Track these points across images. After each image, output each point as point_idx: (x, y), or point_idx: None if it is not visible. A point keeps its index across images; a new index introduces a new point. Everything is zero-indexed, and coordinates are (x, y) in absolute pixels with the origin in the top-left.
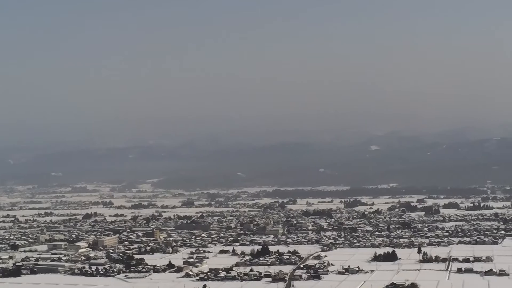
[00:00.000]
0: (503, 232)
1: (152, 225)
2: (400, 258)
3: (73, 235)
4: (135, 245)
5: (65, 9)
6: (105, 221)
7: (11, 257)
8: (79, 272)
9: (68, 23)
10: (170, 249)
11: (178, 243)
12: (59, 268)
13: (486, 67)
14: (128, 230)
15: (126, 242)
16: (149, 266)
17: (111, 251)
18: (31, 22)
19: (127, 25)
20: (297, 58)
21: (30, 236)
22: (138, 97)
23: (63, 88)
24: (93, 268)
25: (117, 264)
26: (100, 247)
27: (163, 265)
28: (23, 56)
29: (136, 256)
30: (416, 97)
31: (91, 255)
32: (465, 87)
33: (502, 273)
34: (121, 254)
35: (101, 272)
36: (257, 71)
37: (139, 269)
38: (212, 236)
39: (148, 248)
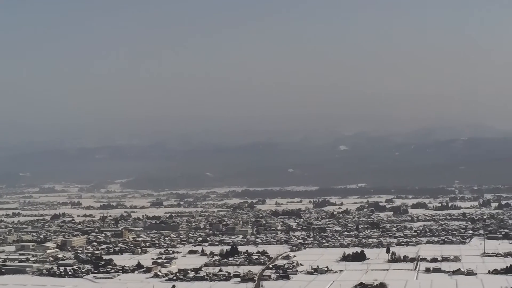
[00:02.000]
0: (470, 231)
1: (120, 225)
2: (369, 258)
3: (41, 236)
4: (104, 246)
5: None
6: (73, 221)
7: None
8: (47, 273)
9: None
10: (139, 249)
11: (147, 244)
12: (27, 269)
13: (454, 68)
14: (97, 230)
15: (94, 243)
16: (117, 267)
17: (80, 251)
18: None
19: (98, 25)
20: (267, 60)
21: None
22: (107, 97)
23: (32, 88)
24: (62, 268)
25: (85, 265)
26: (69, 247)
27: (132, 265)
28: None
29: (104, 257)
30: (385, 98)
31: (59, 255)
32: (432, 88)
33: (469, 273)
34: (89, 254)
35: (70, 273)
36: (227, 72)
37: (107, 269)
38: (181, 237)
39: (117, 248)
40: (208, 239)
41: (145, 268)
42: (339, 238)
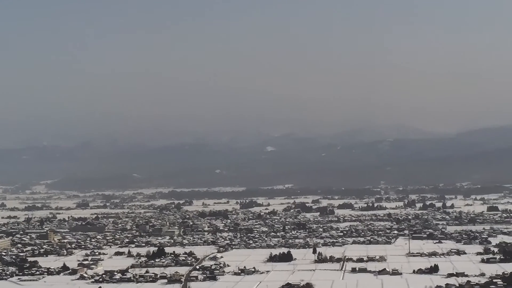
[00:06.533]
0: (396, 232)
1: (46, 227)
2: (296, 259)
3: None
4: (29, 248)
5: None
6: None
7: None
8: None
9: None
10: (65, 251)
11: (73, 245)
12: None
13: (378, 71)
14: (22, 232)
15: (19, 245)
16: (43, 269)
17: (4, 253)
18: None
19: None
20: (196, 60)
21: None
22: (32, 96)
23: None
24: None
25: (10, 267)
26: None
27: (58, 267)
28: None
29: (29, 259)
30: (312, 100)
31: None
32: (358, 90)
33: (395, 273)
34: (14, 256)
35: None
36: (154, 71)
37: (32, 271)
38: (108, 238)
39: (42, 250)
40: (134, 240)
41: (70, 270)
42: (266, 238)
